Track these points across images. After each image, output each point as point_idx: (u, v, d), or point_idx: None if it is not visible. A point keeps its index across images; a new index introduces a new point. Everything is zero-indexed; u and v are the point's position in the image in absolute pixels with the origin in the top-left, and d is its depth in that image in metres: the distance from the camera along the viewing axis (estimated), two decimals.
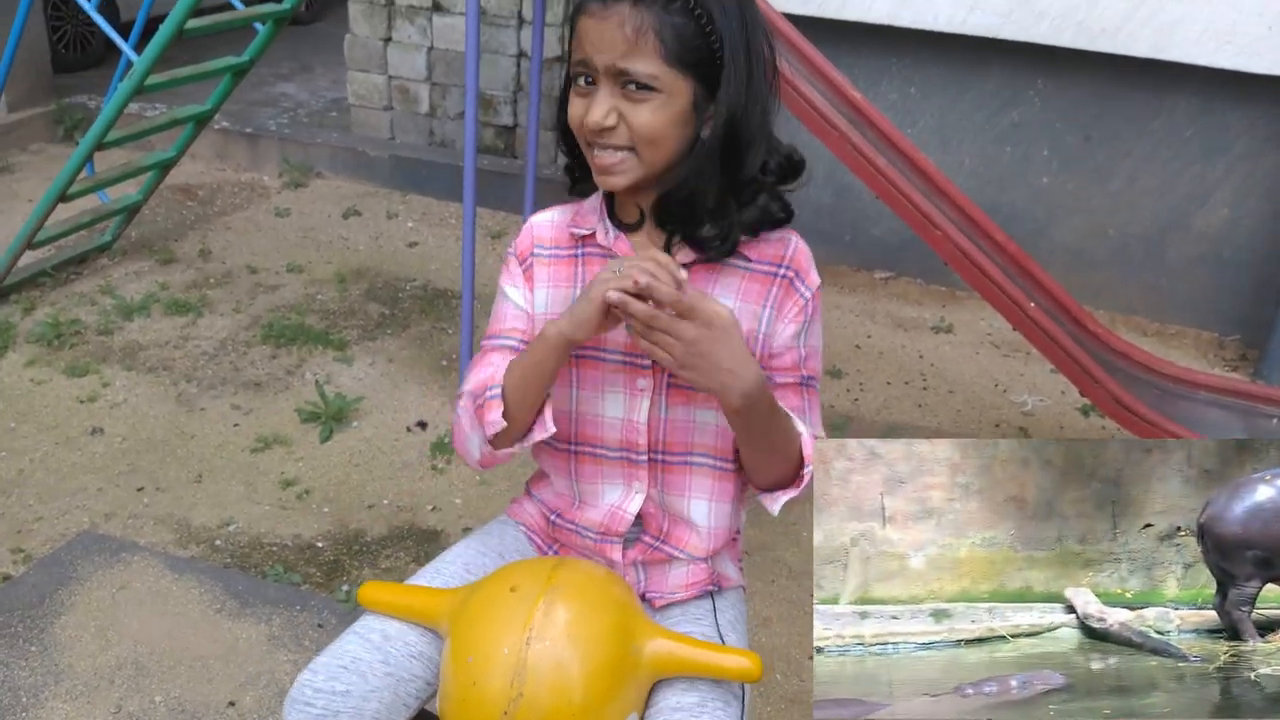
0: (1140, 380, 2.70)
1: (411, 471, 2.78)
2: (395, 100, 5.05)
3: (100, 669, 2.06)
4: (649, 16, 1.04)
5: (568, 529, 1.31)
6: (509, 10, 4.67)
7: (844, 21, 3.88)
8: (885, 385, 3.44)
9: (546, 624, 1.02)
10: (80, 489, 2.61)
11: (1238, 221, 3.89)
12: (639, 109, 1.08)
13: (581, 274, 1.23)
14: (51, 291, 3.60)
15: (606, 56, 1.06)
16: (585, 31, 1.08)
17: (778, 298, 1.20)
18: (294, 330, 3.41)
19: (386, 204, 4.70)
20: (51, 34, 5.54)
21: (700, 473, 1.24)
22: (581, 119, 1.11)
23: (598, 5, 1.06)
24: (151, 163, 3.76)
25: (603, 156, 1.12)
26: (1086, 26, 3.65)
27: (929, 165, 2.66)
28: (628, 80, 1.07)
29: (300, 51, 6.87)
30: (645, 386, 1.21)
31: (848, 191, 4.17)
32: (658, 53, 1.05)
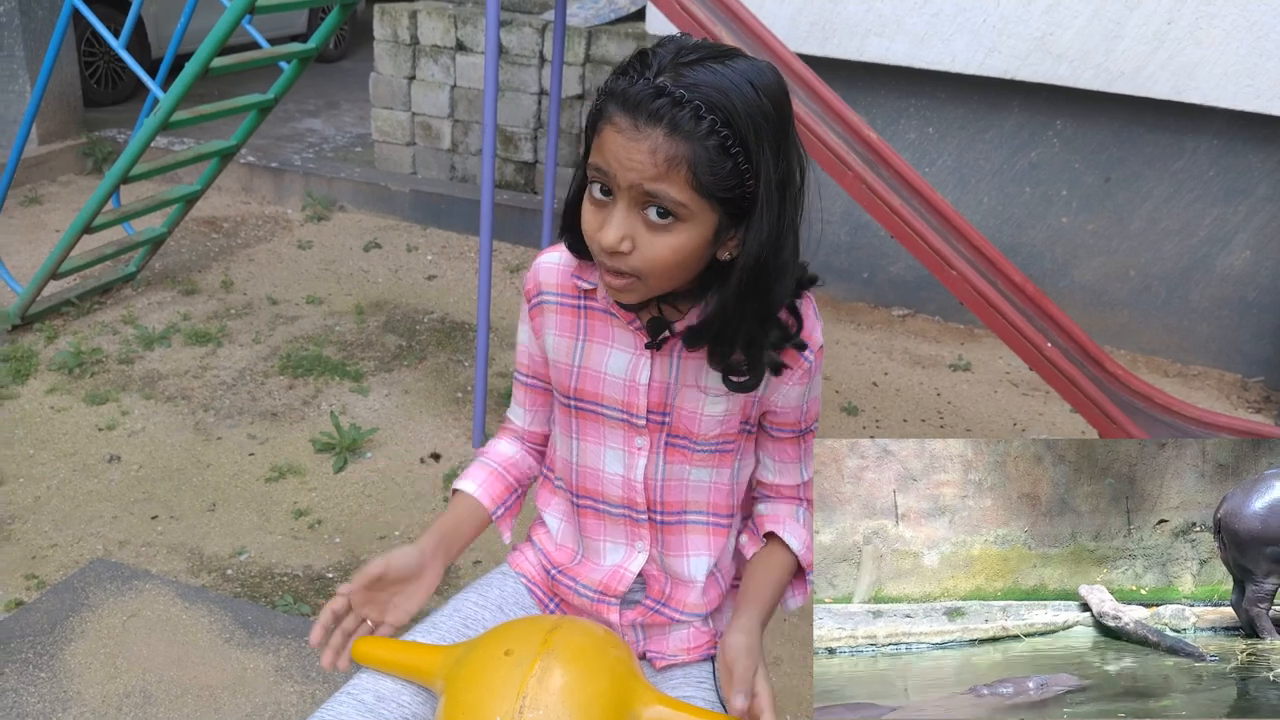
0: (1161, 422, 2.67)
1: (424, 503, 2.78)
2: (418, 136, 5.12)
3: (109, 697, 2.06)
4: (683, 147, 0.95)
5: (567, 585, 1.28)
6: (530, 50, 4.74)
7: (863, 63, 3.90)
8: (902, 423, 3.42)
9: (541, 691, 0.99)
10: (96, 516, 2.63)
11: (1261, 264, 3.86)
12: (656, 240, 1.00)
13: (584, 327, 1.20)
14: (75, 320, 3.65)
15: (632, 177, 0.97)
16: (611, 145, 0.98)
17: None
18: (311, 361, 3.44)
19: (407, 237, 4.74)
20: (84, 69, 5.67)
21: (696, 530, 1.23)
22: (593, 234, 1.03)
23: (627, 123, 0.96)
24: (177, 196, 3.82)
25: (611, 276, 1.04)
26: (1106, 68, 3.65)
27: (945, 205, 2.66)
28: (651, 204, 0.99)
29: (327, 88, 6.99)
30: (643, 445, 1.19)
31: (865, 230, 4.18)
32: (688, 183, 0.97)
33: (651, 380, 1.16)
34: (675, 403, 1.16)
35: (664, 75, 0.96)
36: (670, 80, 0.95)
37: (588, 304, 1.20)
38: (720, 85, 0.96)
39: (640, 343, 1.16)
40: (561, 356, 1.21)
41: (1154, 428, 2.61)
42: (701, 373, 1.15)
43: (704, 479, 1.21)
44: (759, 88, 0.97)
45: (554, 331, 1.22)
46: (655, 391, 1.17)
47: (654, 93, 0.95)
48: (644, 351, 1.16)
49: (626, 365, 1.17)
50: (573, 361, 1.20)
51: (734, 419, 1.18)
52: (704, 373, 1.15)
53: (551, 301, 1.23)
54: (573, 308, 1.21)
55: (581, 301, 1.21)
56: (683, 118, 0.95)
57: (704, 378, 1.15)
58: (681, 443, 1.18)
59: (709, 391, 1.15)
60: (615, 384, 1.18)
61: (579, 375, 1.20)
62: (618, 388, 1.17)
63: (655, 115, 0.95)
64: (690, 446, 1.18)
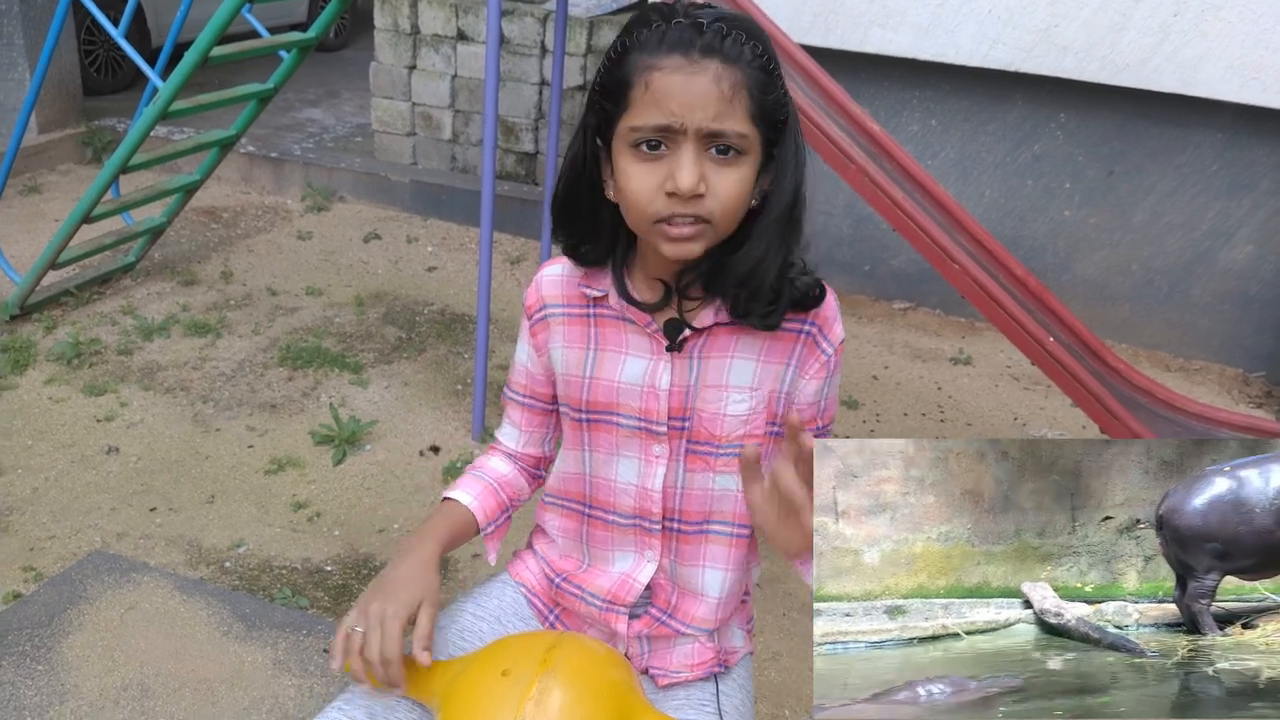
0: (1162, 418, 2.66)
1: (423, 496, 2.78)
2: (419, 126, 5.10)
3: (106, 690, 2.06)
4: (740, 74, 0.96)
5: (572, 594, 1.25)
6: (532, 40, 4.71)
7: (865, 54, 3.88)
8: (902, 417, 3.41)
9: (538, 713, 0.97)
10: (94, 508, 2.62)
11: (1263, 258, 3.84)
12: (725, 175, 0.99)
13: (595, 335, 1.16)
14: (73, 311, 3.64)
15: (699, 116, 0.96)
16: (667, 89, 0.96)
17: (801, 355, 1.14)
18: (311, 353, 3.43)
19: (407, 228, 4.73)
20: (83, 57, 5.65)
21: (716, 541, 1.20)
22: (653, 191, 1.00)
23: (680, 61, 0.96)
24: (176, 186, 3.80)
25: (682, 227, 1.00)
26: (1111, 60, 3.63)
27: (948, 198, 2.64)
28: (714, 142, 0.98)
29: (328, 77, 6.96)
30: (661, 453, 1.15)
31: (867, 222, 4.16)
32: (747, 111, 0.98)
33: (672, 385, 1.13)
34: (696, 405, 1.13)
35: (689, 14, 0.98)
36: (699, 16, 0.97)
37: (597, 312, 1.17)
38: (738, 16, 0.99)
39: (657, 346, 1.13)
40: (572, 369, 1.18)
41: (1155, 423, 2.60)
42: (724, 371, 1.12)
43: (730, 488, 1.16)
44: (750, 16, 1.05)
45: (562, 344, 1.18)
46: (675, 396, 1.13)
47: (695, 29, 0.96)
48: (662, 355, 1.13)
49: (644, 371, 1.13)
50: (584, 373, 1.16)
51: (759, 418, 1.14)
52: (727, 370, 1.12)
53: (557, 314, 1.19)
54: (581, 317, 1.17)
55: (591, 310, 1.17)
56: (730, 46, 0.97)
57: (726, 376, 1.12)
58: (703, 448, 1.14)
59: (730, 390, 1.12)
60: (631, 392, 1.14)
61: (591, 386, 1.16)
62: (634, 395, 1.14)
63: (708, 48, 0.96)
64: (713, 452, 1.14)
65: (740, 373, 1.12)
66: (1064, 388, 2.49)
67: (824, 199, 4.19)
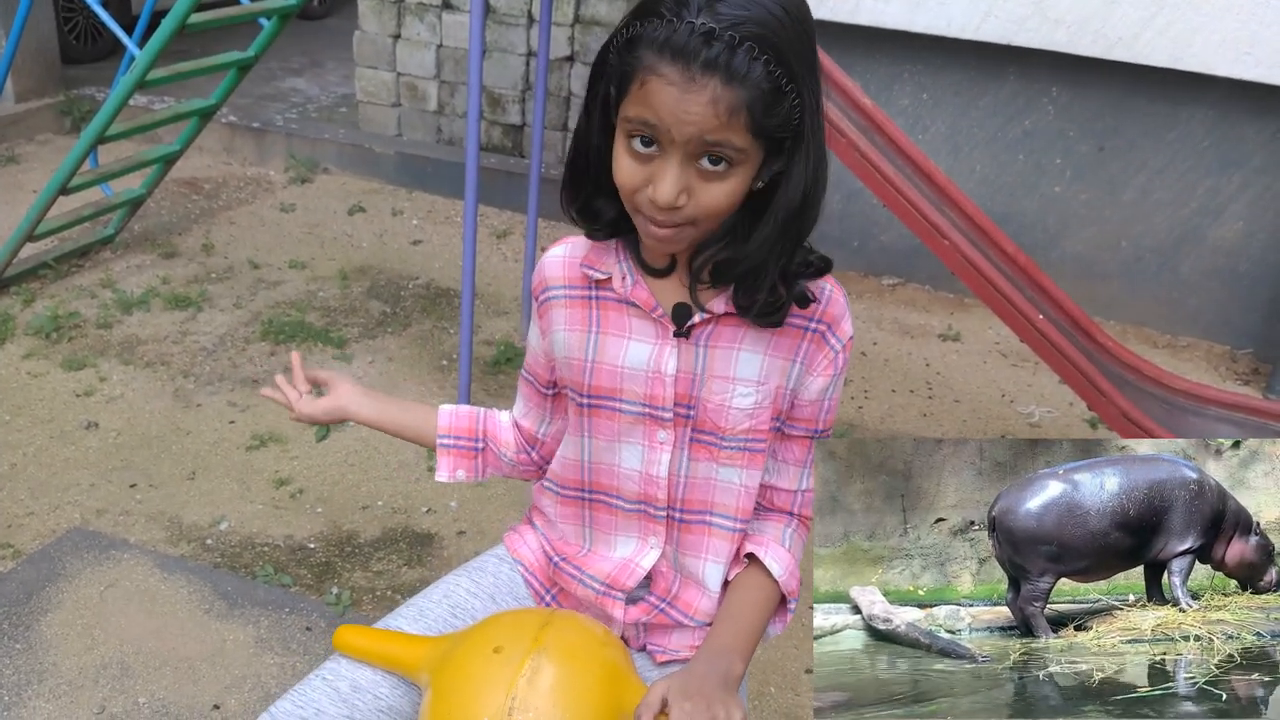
0: (1149, 394, 2.65)
1: (408, 473, 2.75)
2: (403, 97, 5.02)
3: (85, 668, 2.04)
4: (742, 94, 0.91)
5: (571, 574, 1.23)
6: (519, 9, 4.64)
7: (857, 26, 3.83)
8: (890, 393, 3.40)
9: (530, 691, 0.95)
10: (73, 484, 2.59)
11: (1252, 235, 3.83)
12: (711, 188, 0.97)
13: (596, 318, 1.14)
14: (52, 284, 3.58)
15: (691, 131, 0.93)
16: (663, 99, 0.92)
17: (808, 352, 1.12)
18: (294, 327, 3.39)
19: (392, 201, 4.67)
20: (62, 25, 5.54)
21: (718, 534, 1.17)
22: (637, 188, 0.98)
23: (679, 75, 0.91)
24: (155, 156, 3.74)
25: (658, 229, 1.00)
26: (1104, 34, 3.59)
27: (939, 174, 2.62)
28: (707, 153, 0.95)
29: (312, 46, 6.86)
30: (666, 440, 1.13)
31: (857, 197, 4.13)
32: (747, 128, 0.93)
33: (678, 371, 1.11)
34: (701, 395, 1.11)
35: (704, 14, 0.90)
36: (711, 19, 0.90)
37: (600, 295, 1.14)
38: (762, 19, 0.91)
39: (663, 332, 1.11)
40: (574, 352, 1.15)
41: (1143, 400, 2.59)
42: (730, 362, 1.10)
43: (734, 481, 1.14)
44: (788, 9, 0.93)
45: (564, 327, 1.16)
46: (681, 383, 1.11)
47: (703, 38, 0.90)
48: (669, 341, 1.11)
49: (649, 356, 1.11)
50: (586, 356, 1.14)
51: (764, 413, 1.11)
52: (733, 362, 1.10)
53: (559, 295, 1.17)
54: (583, 299, 1.15)
55: (593, 293, 1.15)
56: (738, 63, 0.90)
57: (733, 368, 1.10)
58: (707, 438, 1.12)
59: (738, 382, 1.10)
60: (636, 376, 1.11)
61: (593, 370, 1.14)
62: (639, 380, 1.11)
63: (710, 65, 0.90)
64: (717, 443, 1.12)
65: (747, 365, 1.10)
66: (1052, 365, 2.48)
67: None
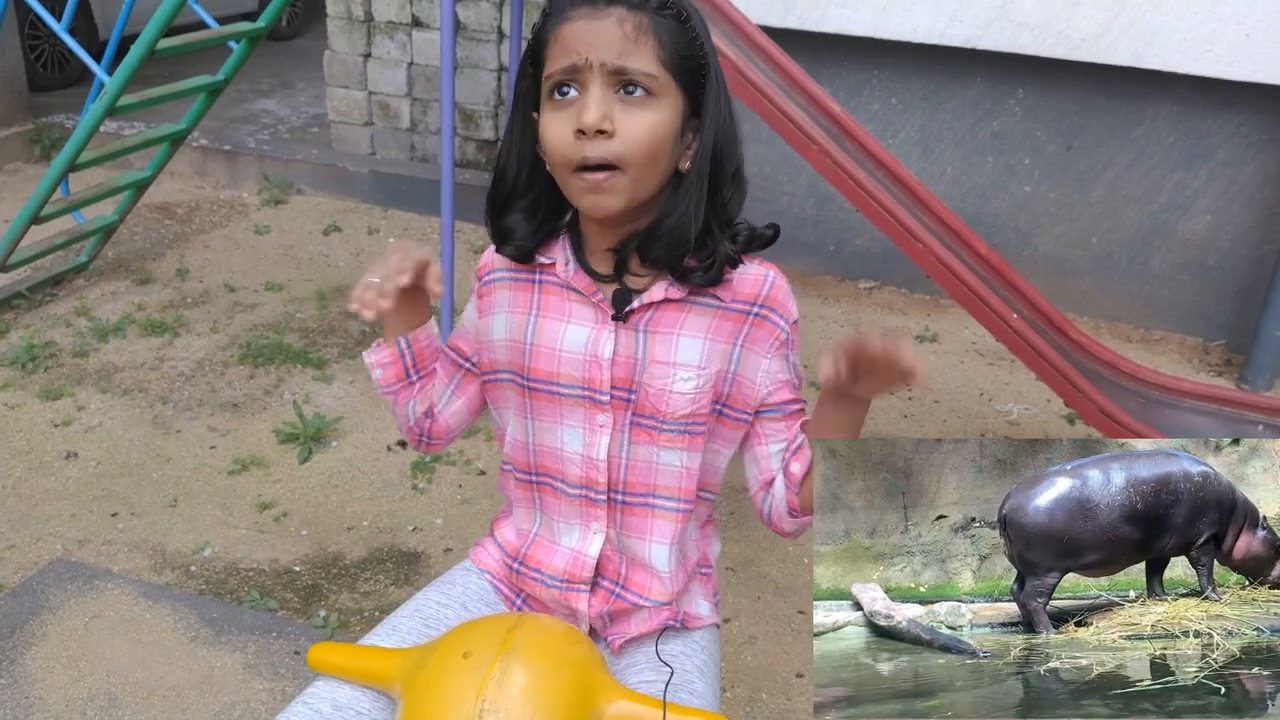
0: (1125, 389, 2.69)
1: (392, 492, 2.75)
2: (376, 116, 5.02)
3: (72, 701, 2.02)
4: (645, 18, 1.02)
5: (532, 578, 1.25)
6: (489, 25, 4.65)
7: (824, 34, 3.87)
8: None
9: (500, 693, 0.97)
10: (53, 515, 2.56)
11: (1221, 228, 3.89)
12: (634, 115, 1.03)
13: (537, 301, 1.18)
14: (26, 314, 3.55)
15: (603, 54, 1.01)
16: (573, 34, 1.02)
17: (748, 335, 1.15)
18: (272, 349, 3.37)
19: (368, 220, 4.67)
20: (29, 53, 5.50)
21: (662, 516, 1.19)
22: (567, 140, 1.03)
23: (586, 9, 1.02)
24: (126, 183, 3.72)
25: (591, 175, 1.03)
26: (1067, 36, 3.65)
27: (910, 177, 2.64)
28: (625, 81, 1.02)
29: (282, 67, 6.85)
30: (605, 423, 1.16)
31: (830, 202, 4.16)
32: (656, 54, 1.02)
33: (616, 355, 1.13)
34: (643, 380, 1.13)
35: None
36: None
37: (542, 278, 1.18)
38: None
39: (601, 316, 1.14)
40: (515, 334, 1.18)
41: (1118, 395, 2.62)
42: (671, 347, 1.13)
43: (675, 463, 1.17)
44: None
45: (506, 309, 1.20)
46: (620, 367, 1.14)
47: None
48: (607, 325, 1.14)
49: (586, 340, 1.14)
50: (525, 339, 1.17)
51: (705, 397, 1.14)
52: (674, 347, 1.13)
53: (504, 278, 1.21)
54: (527, 282, 1.19)
55: (536, 276, 1.19)
56: None
57: (674, 353, 1.13)
58: (648, 422, 1.15)
59: (679, 367, 1.13)
60: (574, 360, 1.14)
61: (532, 353, 1.16)
62: (576, 364, 1.14)
63: None
64: (658, 426, 1.15)
65: (688, 350, 1.13)
66: (1028, 363, 2.51)
67: (787, 180, 4.18)
